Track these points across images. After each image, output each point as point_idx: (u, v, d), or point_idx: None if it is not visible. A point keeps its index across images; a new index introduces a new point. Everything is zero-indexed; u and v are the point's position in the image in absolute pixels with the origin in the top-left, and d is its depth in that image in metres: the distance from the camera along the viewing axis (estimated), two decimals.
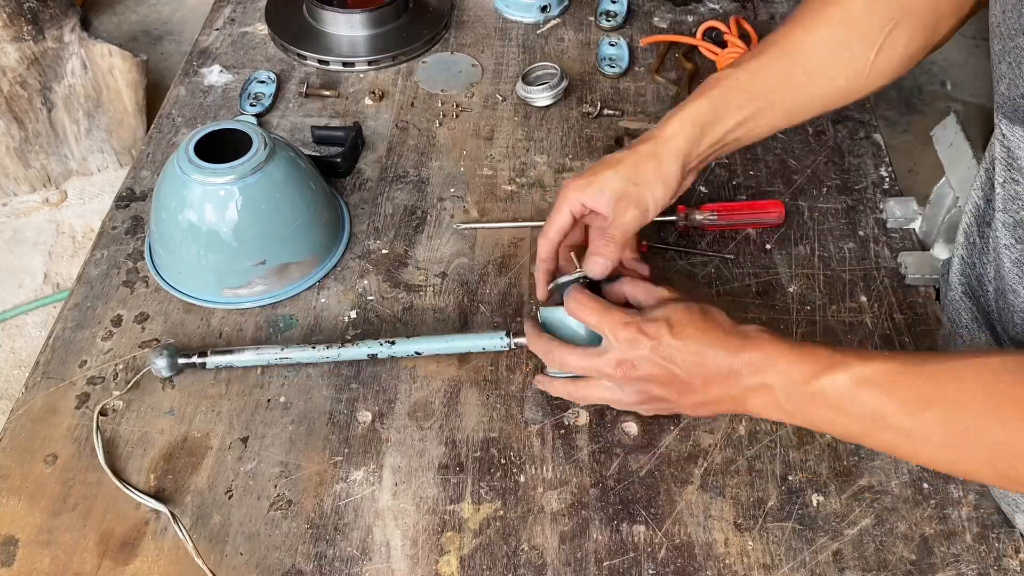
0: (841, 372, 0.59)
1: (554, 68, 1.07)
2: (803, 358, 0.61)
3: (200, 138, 0.83)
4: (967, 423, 0.55)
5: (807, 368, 0.61)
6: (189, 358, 0.78)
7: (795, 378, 0.61)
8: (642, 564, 0.68)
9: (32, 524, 0.70)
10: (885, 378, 0.58)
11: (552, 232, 0.75)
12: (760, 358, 0.62)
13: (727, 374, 0.63)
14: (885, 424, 0.58)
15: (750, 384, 0.62)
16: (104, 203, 2.07)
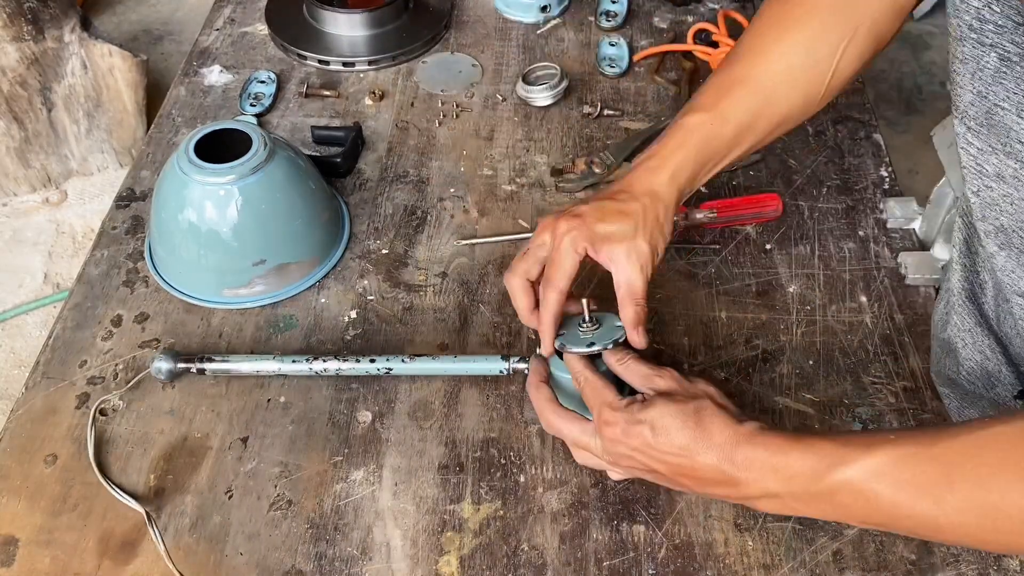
0: (848, 467, 0.56)
1: (554, 68, 1.07)
2: (801, 456, 0.58)
3: (200, 138, 0.83)
4: (996, 502, 0.52)
5: (809, 470, 0.58)
6: (189, 363, 0.78)
7: (801, 481, 0.58)
8: (642, 564, 0.68)
9: (32, 524, 0.70)
10: (896, 467, 0.55)
11: (563, 283, 0.71)
12: (758, 469, 0.59)
13: (723, 481, 0.60)
14: (907, 514, 0.55)
15: (753, 493, 0.60)
16: (104, 203, 2.07)
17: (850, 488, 0.56)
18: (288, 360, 0.78)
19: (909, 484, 0.55)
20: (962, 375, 0.73)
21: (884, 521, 0.58)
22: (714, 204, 0.91)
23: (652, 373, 0.67)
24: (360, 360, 0.78)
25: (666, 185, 0.73)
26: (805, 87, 0.75)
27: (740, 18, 1.13)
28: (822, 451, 0.58)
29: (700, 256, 0.90)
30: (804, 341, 0.83)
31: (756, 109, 0.75)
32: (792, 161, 1.00)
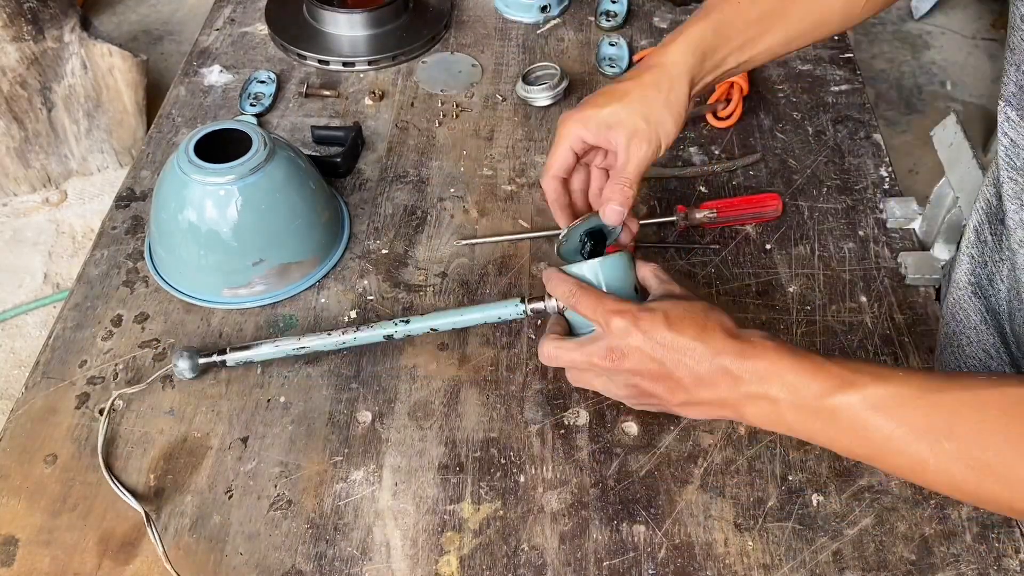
0: (855, 392, 0.56)
1: (554, 68, 1.07)
2: (814, 374, 0.58)
3: (200, 138, 0.83)
4: (989, 459, 0.53)
5: (818, 385, 0.57)
6: (209, 357, 0.77)
7: (804, 394, 0.58)
8: (642, 564, 0.68)
9: (32, 524, 0.70)
10: (902, 403, 0.55)
11: (555, 169, 0.72)
12: (765, 368, 0.59)
13: (723, 378, 0.60)
14: (899, 450, 0.56)
15: (750, 392, 0.59)
16: (104, 203, 2.07)
17: (851, 412, 0.56)
18: (311, 337, 0.77)
19: (909, 423, 0.55)
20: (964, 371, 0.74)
21: (871, 453, 0.58)
22: (714, 204, 0.91)
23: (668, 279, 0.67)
24: (373, 326, 0.77)
25: (678, 54, 0.71)
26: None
27: None
28: (830, 371, 0.57)
29: (700, 256, 0.90)
30: (804, 341, 0.83)
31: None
32: (792, 161, 1.00)
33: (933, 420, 0.54)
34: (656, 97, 0.70)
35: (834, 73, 1.12)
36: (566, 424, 0.76)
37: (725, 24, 0.72)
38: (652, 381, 0.63)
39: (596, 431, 0.76)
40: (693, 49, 0.71)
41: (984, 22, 2.76)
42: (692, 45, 0.71)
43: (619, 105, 0.70)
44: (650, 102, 0.70)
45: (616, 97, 0.70)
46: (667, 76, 0.70)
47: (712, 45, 0.71)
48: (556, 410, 0.77)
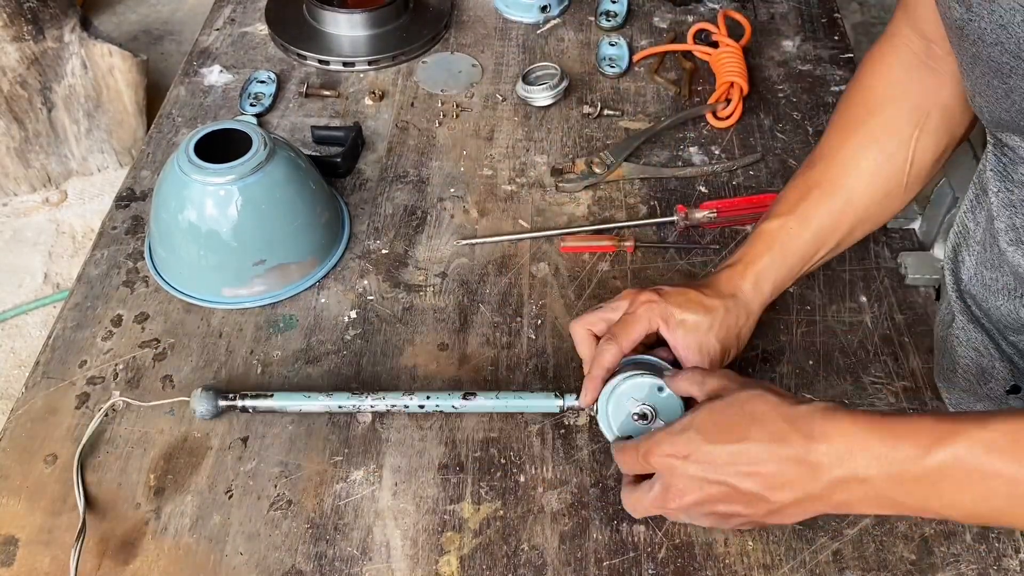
0: (960, 441, 0.50)
1: (554, 68, 1.07)
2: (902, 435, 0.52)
3: (200, 138, 0.83)
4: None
5: (911, 445, 0.51)
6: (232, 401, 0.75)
7: (898, 460, 0.51)
8: (642, 564, 0.68)
9: (32, 524, 0.70)
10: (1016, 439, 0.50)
11: (626, 343, 0.70)
12: (843, 444, 0.53)
13: (796, 471, 0.54)
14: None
15: (835, 477, 0.53)
16: (104, 203, 2.07)
17: (962, 465, 0.50)
18: (337, 397, 0.75)
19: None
20: (958, 372, 0.74)
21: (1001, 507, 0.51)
22: (714, 204, 0.91)
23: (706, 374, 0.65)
24: (413, 396, 0.74)
25: (750, 291, 0.73)
26: (884, 184, 0.74)
27: (740, 18, 1.13)
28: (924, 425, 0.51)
29: (700, 256, 0.90)
30: (804, 341, 0.83)
31: (836, 209, 0.74)
32: (792, 161, 1.00)
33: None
34: (734, 321, 0.72)
35: (834, 73, 1.12)
36: (566, 424, 0.76)
37: (788, 253, 0.74)
38: (726, 503, 0.59)
39: (596, 431, 0.76)
40: (763, 286, 0.74)
41: None
42: (763, 279, 0.74)
43: (702, 317, 0.71)
44: (726, 326, 0.72)
45: (702, 307, 0.71)
46: (744, 309, 0.73)
47: (779, 277, 0.74)
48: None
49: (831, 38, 1.17)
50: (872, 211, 0.76)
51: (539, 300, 0.86)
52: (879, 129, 0.74)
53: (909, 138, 0.73)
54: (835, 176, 0.75)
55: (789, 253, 0.74)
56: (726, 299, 0.72)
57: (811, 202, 0.75)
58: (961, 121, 0.74)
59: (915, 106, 0.73)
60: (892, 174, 0.74)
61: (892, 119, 0.74)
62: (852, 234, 0.76)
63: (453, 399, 0.74)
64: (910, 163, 0.74)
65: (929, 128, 0.73)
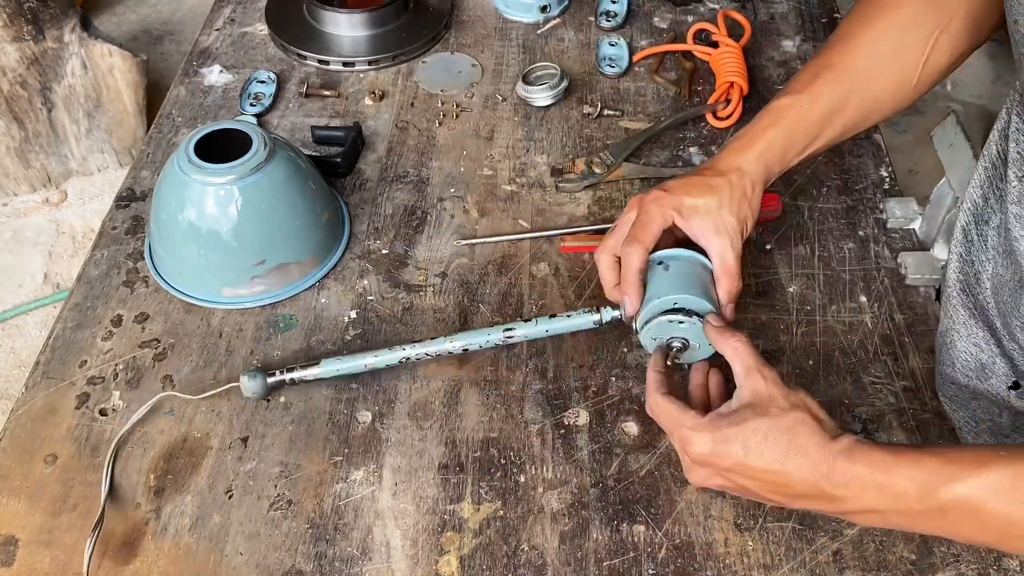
0: (958, 485, 0.55)
1: (554, 68, 1.07)
2: (911, 476, 0.56)
3: (200, 138, 0.83)
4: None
5: (916, 488, 0.56)
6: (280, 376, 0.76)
7: (906, 499, 0.56)
8: (642, 564, 0.68)
9: (32, 524, 0.70)
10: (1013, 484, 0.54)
11: (648, 239, 0.73)
12: (858, 486, 0.57)
13: (819, 496, 0.59)
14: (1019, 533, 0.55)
15: (852, 508, 0.59)
16: (104, 203, 2.07)
17: (962, 506, 0.55)
18: (383, 352, 0.77)
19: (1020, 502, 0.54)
20: (957, 368, 0.74)
21: (996, 539, 0.57)
22: None
23: (757, 366, 0.64)
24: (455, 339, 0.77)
25: (753, 162, 0.75)
26: (896, 75, 0.76)
27: (740, 18, 1.13)
28: (929, 467, 0.56)
29: None
30: (804, 341, 0.83)
31: (845, 92, 0.76)
32: None
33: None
34: (744, 195, 0.74)
35: None
36: (566, 424, 0.76)
37: (793, 131, 0.76)
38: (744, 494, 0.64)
39: (596, 431, 0.76)
40: (767, 158, 0.76)
41: None
42: (766, 154, 0.76)
43: (712, 198, 0.73)
44: (738, 201, 0.74)
45: (709, 190, 0.73)
46: (749, 181, 0.74)
47: (782, 151, 0.76)
48: (556, 410, 0.77)
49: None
50: (882, 99, 0.77)
51: (539, 300, 0.86)
52: (901, 21, 0.75)
53: (929, 35, 0.74)
54: (850, 58, 0.76)
55: (796, 129, 0.76)
56: (730, 174, 0.74)
57: (822, 82, 0.76)
58: (981, 30, 0.74)
59: (941, 6, 0.74)
60: (906, 68, 0.75)
61: (917, 14, 0.74)
62: (860, 119, 0.78)
63: (495, 335, 0.77)
64: (924, 60, 0.74)
65: (951, 30, 0.74)
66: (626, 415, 0.77)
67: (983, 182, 0.71)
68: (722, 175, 0.74)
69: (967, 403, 0.74)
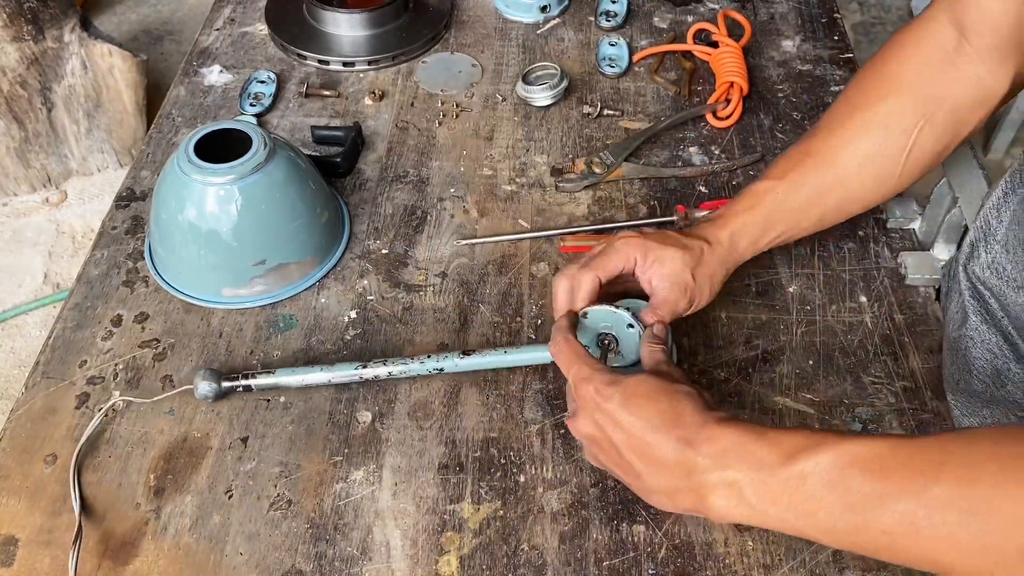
0: (824, 452, 0.52)
1: (554, 68, 1.07)
2: (776, 441, 0.54)
3: (200, 138, 0.83)
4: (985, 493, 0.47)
5: (780, 451, 0.53)
6: (234, 381, 0.76)
7: (765, 464, 0.53)
8: (642, 564, 0.68)
9: (32, 524, 0.70)
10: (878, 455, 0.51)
11: (604, 274, 0.73)
12: (720, 450, 0.55)
13: (678, 465, 0.57)
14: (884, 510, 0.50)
15: (710, 480, 0.56)
16: (104, 203, 2.07)
17: (820, 476, 0.52)
18: (338, 369, 0.77)
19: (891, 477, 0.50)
20: (973, 374, 0.74)
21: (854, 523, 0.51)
22: (714, 205, 0.91)
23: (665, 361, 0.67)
24: (409, 362, 0.77)
25: (726, 240, 0.76)
26: (878, 168, 0.76)
27: (740, 18, 1.13)
28: (794, 437, 0.54)
29: None
30: (804, 341, 0.83)
31: (824, 183, 0.76)
32: None
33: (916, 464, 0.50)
34: (706, 266, 0.75)
35: (834, 73, 1.12)
36: (566, 424, 0.76)
37: (768, 218, 0.77)
38: (607, 458, 0.63)
39: None
40: (738, 241, 0.76)
41: None
42: (737, 236, 0.76)
43: (677, 253, 0.73)
44: (700, 268, 0.74)
45: (678, 246, 0.74)
46: (719, 256, 0.76)
47: (755, 237, 0.77)
48: (556, 410, 0.77)
49: (831, 38, 1.17)
50: (862, 193, 0.77)
51: (539, 300, 0.86)
52: (885, 113, 0.75)
53: (912, 128, 0.74)
54: (832, 150, 0.76)
55: (770, 216, 0.77)
56: (702, 243, 0.75)
57: (802, 171, 0.77)
58: (968, 122, 0.74)
59: (927, 98, 0.74)
60: (888, 160, 0.75)
61: (901, 106, 0.75)
62: (838, 211, 0.78)
63: (452, 359, 0.77)
64: (908, 153, 0.75)
65: (936, 122, 0.74)
66: None
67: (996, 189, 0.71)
68: (696, 239, 0.75)
69: (979, 410, 0.74)
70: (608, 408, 0.61)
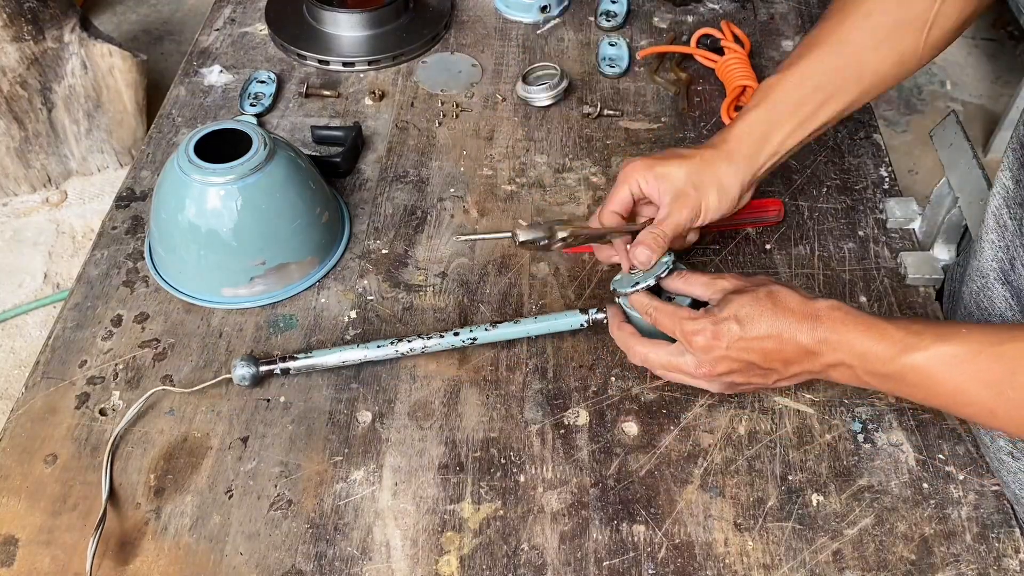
0: (919, 353, 0.61)
1: (554, 68, 1.07)
2: (879, 339, 0.62)
3: (200, 138, 0.83)
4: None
5: (883, 351, 0.62)
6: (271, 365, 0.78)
7: (872, 359, 0.62)
8: (642, 564, 0.68)
9: (32, 524, 0.70)
10: (964, 359, 0.60)
11: (614, 206, 0.77)
12: (835, 339, 0.63)
13: (804, 353, 0.65)
14: (967, 401, 0.61)
15: (829, 361, 0.64)
16: (104, 203, 2.07)
17: (918, 372, 0.61)
18: (373, 346, 0.79)
19: (974, 376, 0.60)
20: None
21: (945, 404, 0.64)
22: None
23: (713, 278, 0.71)
24: (444, 335, 0.79)
25: (732, 139, 0.76)
26: (897, 44, 0.74)
27: (739, 32, 1.13)
28: (893, 335, 0.62)
29: (700, 256, 0.90)
30: None
31: (840, 65, 0.74)
32: (792, 161, 1.00)
33: (995, 372, 0.59)
34: (709, 170, 0.75)
35: None
36: (566, 424, 0.76)
37: (777, 109, 0.76)
38: (746, 375, 0.69)
39: (596, 431, 0.76)
40: (748, 136, 0.76)
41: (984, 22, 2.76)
42: (747, 132, 0.76)
43: (676, 165, 0.75)
44: (702, 175, 0.75)
45: (677, 157, 0.76)
46: (723, 157, 0.75)
47: (766, 132, 0.76)
48: (556, 410, 0.77)
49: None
50: (881, 73, 0.76)
51: (539, 300, 0.86)
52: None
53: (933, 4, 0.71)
54: (844, 32, 0.75)
55: (777, 108, 0.76)
56: (704, 150, 0.76)
57: (811, 59, 0.75)
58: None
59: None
60: (908, 36, 0.73)
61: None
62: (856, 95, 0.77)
63: (481, 330, 0.79)
64: (929, 27, 0.72)
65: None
66: (626, 415, 0.77)
67: (1013, 164, 0.70)
68: (698, 149, 0.76)
69: None
70: (730, 342, 0.66)
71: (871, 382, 0.65)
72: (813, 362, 0.65)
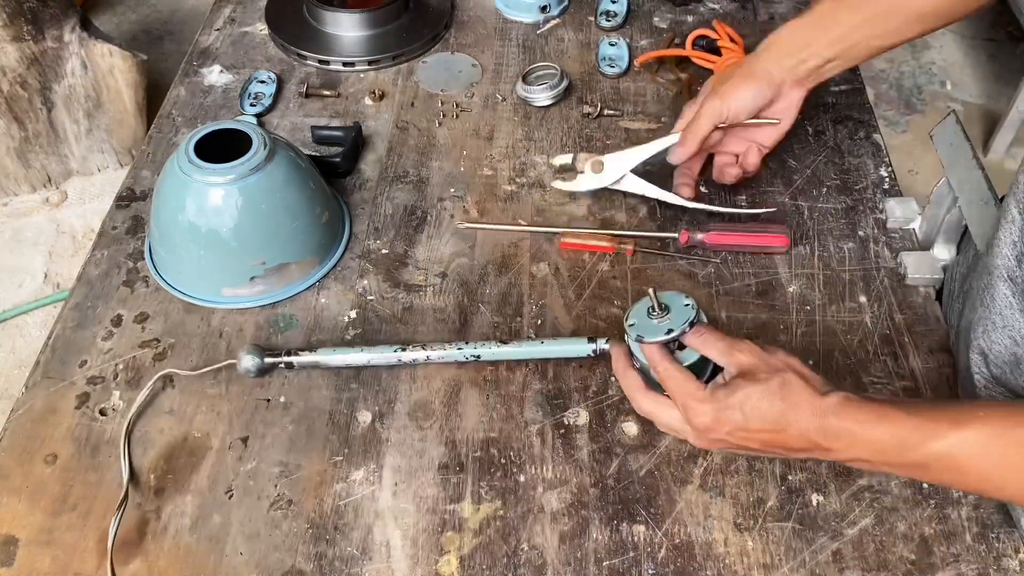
0: (936, 443, 0.59)
1: (554, 68, 1.07)
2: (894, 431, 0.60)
3: (200, 138, 0.83)
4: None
5: (899, 443, 0.60)
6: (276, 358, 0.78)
7: (890, 453, 0.61)
8: (642, 564, 0.68)
9: (32, 524, 0.70)
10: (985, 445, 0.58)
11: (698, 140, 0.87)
12: (848, 439, 0.61)
13: (812, 446, 0.63)
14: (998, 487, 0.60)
15: (844, 458, 0.63)
16: (104, 203, 2.07)
17: (941, 462, 0.59)
18: (378, 351, 0.79)
19: (999, 463, 0.58)
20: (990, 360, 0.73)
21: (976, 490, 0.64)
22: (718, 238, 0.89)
23: (731, 346, 0.68)
24: (447, 347, 0.79)
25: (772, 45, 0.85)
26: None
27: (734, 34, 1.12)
28: (908, 426, 0.60)
29: (700, 256, 0.90)
30: (804, 341, 0.83)
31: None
32: (792, 161, 1.00)
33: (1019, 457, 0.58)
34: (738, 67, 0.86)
35: None
36: (566, 424, 0.76)
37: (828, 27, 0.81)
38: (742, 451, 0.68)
39: (596, 431, 0.76)
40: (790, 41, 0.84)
41: (984, 22, 2.76)
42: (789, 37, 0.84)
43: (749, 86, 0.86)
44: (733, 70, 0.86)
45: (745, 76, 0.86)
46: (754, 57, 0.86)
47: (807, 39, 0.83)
48: (556, 410, 0.77)
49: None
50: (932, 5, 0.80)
51: (539, 300, 0.86)
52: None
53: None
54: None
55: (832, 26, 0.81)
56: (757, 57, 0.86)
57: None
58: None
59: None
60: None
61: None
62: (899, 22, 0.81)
63: (488, 347, 0.79)
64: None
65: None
66: (626, 415, 0.77)
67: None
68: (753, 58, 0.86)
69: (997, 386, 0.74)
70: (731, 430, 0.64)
71: (896, 472, 0.65)
72: (824, 454, 0.63)
